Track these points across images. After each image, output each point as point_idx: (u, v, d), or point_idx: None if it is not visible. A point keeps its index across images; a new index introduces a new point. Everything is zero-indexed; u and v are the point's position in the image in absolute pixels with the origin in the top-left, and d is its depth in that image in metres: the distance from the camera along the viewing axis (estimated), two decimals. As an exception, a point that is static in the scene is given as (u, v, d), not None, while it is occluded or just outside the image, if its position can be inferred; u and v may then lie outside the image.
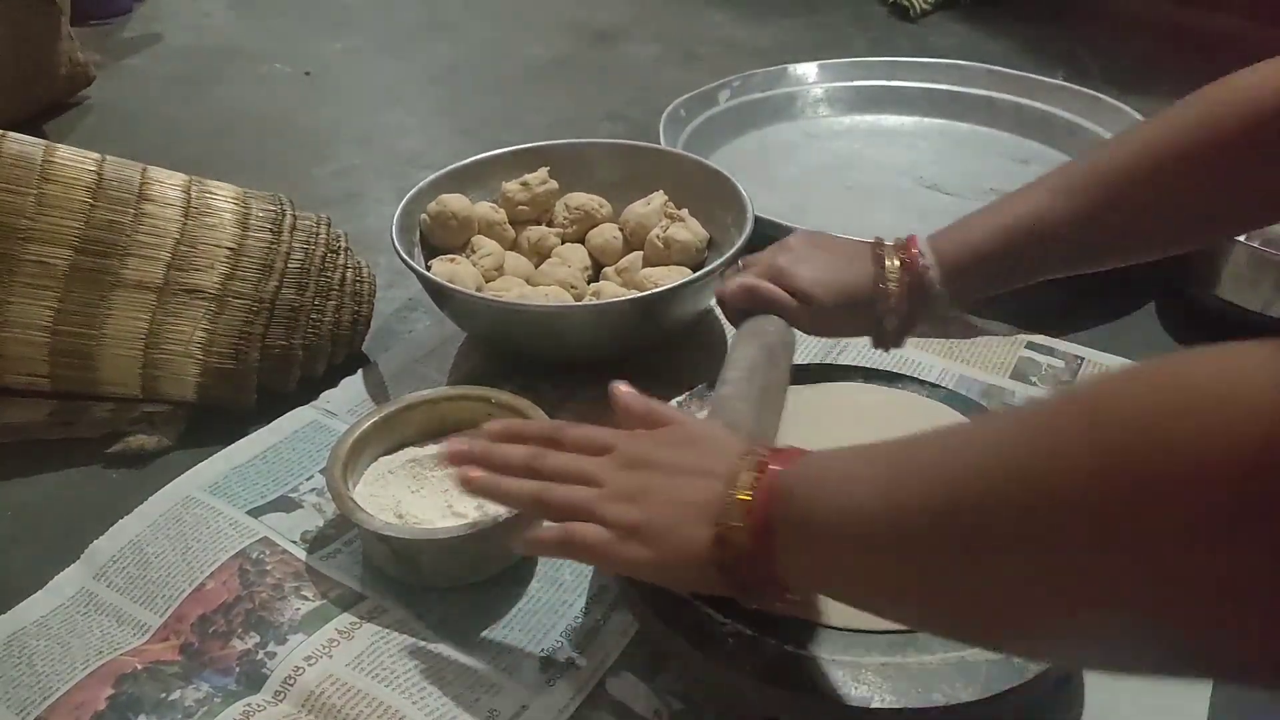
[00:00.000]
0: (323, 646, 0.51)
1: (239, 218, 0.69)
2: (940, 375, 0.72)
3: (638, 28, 1.47)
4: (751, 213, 0.73)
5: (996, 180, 0.98)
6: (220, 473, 0.63)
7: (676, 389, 0.64)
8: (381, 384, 0.72)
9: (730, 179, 0.78)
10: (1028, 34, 1.39)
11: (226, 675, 0.50)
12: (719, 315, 0.78)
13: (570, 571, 0.57)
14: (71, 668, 0.51)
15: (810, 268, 0.58)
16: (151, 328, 0.66)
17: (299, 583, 0.55)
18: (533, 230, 0.80)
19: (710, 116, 1.04)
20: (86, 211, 0.65)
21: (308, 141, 1.13)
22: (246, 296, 0.68)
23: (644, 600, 0.48)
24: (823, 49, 1.34)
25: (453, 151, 0.84)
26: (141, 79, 1.30)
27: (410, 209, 0.76)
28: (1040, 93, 1.07)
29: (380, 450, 0.60)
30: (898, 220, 0.92)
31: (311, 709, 0.48)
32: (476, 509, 0.56)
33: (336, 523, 0.60)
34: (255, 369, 0.68)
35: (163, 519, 0.59)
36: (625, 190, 0.81)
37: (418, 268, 0.69)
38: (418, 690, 0.49)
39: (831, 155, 1.04)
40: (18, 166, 0.63)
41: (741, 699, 0.46)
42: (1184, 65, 1.28)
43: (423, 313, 0.80)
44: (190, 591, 0.54)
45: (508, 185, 0.81)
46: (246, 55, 1.37)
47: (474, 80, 1.31)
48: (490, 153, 0.82)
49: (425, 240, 0.78)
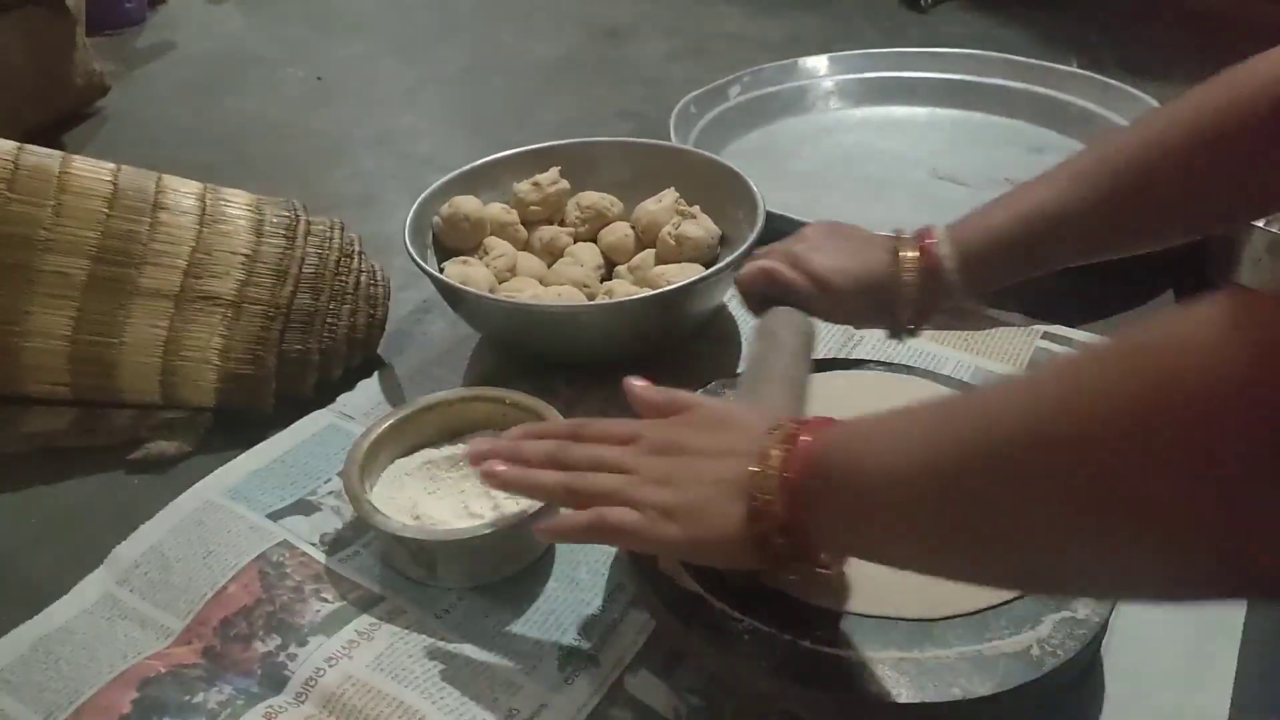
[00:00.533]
0: (343, 648, 0.52)
1: (253, 224, 0.70)
2: (956, 367, 0.71)
3: (647, 24, 1.47)
4: (763, 207, 0.73)
5: (1011, 170, 0.97)
6: (239, 477, 0.63)
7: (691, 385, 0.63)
8: (397, 386, 0.73)
9: (740, 174, 0.78)
10: (1040, 21, 1.38)
11: (248, 677, 0.51)
12: (733, 311, 0.78)
13: (587, 570, 0.57)
14: (97, 672, 0.51)
15: (827, 255, 0.58)
16: (169, 335, 0.67)
17: (319, 585, 0.56)
18: (545, 230, 0.80)
19: (721, 112, 1.04)
20: (103, 221, 0.66)
21: (321, 146, 1.13)
22: (262, 302, 0.68)
23: (661, 598, 0.48)
24: (833, 41, 1.34)
25: (465, 153, 0.85)
26: (156, 87, 1.31)
27: (423, 211, 0.76)
28: (1054, 81, 1.06)
29: (396, 452, 0.61)
30: (911, 212, 0.91)
31: (333, 710, 0.49)
32: (493, 509, 0.56)
33: (354, 525, 0.60)
34: (272, 374, 0.69)
35: (184, 524, 0.60)
36: (635, 189, 0.82)
37: (431, 270, 0.70)
38: (437, 690, 0.50)
39: (844, 148, 1.03)
40: (35, 178, 0.64)
41: (759, 695, 0.46)
42: (1199, 50, 1.26)
43: (437, 315, 0.81)
44: (212, 595, 0.55)
45: (519, 186, 0.81)
46: (259, 61, 1.38)
47: (485, 81, 1.31)
48: (500, 154, 0.83)
49: (439, 242, 0.78)
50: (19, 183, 0.64)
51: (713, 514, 0.43)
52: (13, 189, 0.63)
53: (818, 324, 0.59)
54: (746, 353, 0.56)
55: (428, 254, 0.76)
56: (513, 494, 0.54)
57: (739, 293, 0.63)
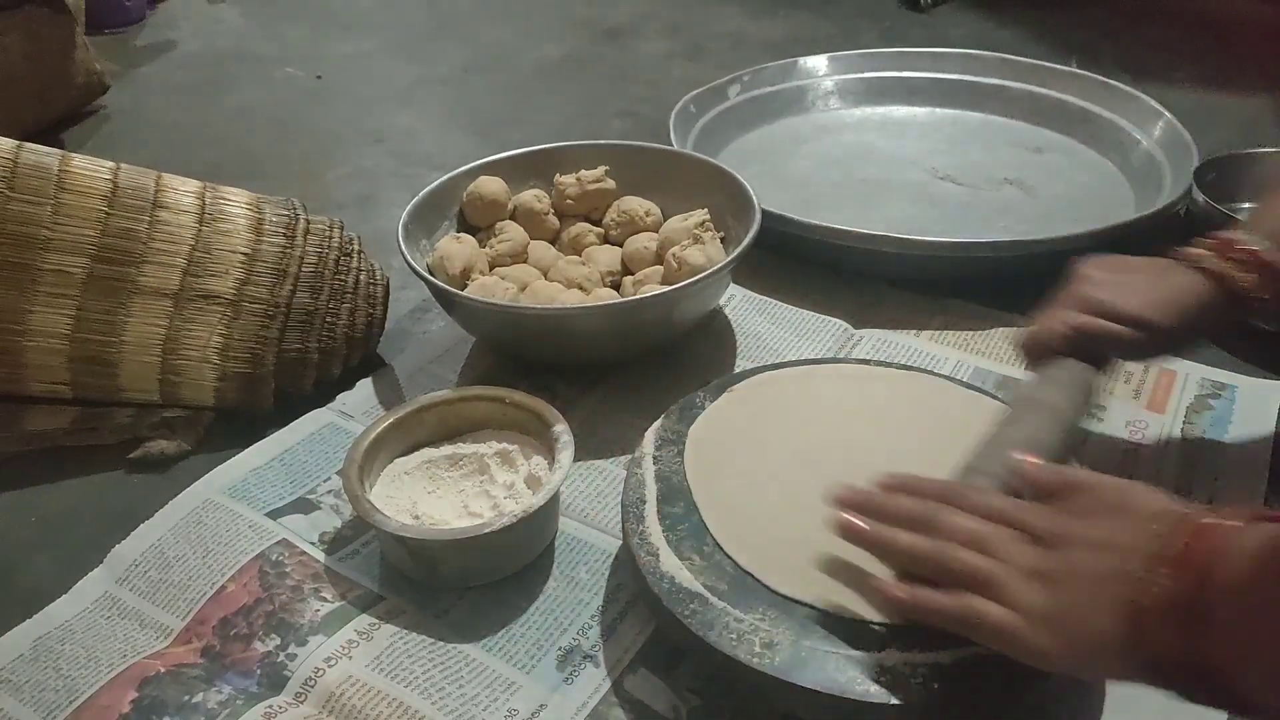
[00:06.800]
0: (343, 648, 0.52)
1: (252, 223, 0.70)
2: (956, 367, 0.71)
3: (647, 24, 1.47)
4: (758, 209, 0.73)
5: (1011, 170, 0.97)
6: (239, 476, 0.63)
7: (689, 385, 0.63)
8: (396, 386, 0.73)
9: (735, 175, 0.77)
10: (1039, 21, 1.38)
11: (248, 677, 0.51)
12: (727, 314, 0.78)
13: (587, 570, 0.57)
14: (96, 671, 0.51)
15: (1132, 292, 0.55)
16: (169, 334, 0.67)
17: (318, 584, 0.56)
18: (574, 226, 0.81)
19: (721, 112, 1.04)
20: (103, 220, 0.65)
21: (320, 145, 1.13)
22: (262, 301, 0.68)
23: (661, 598, 0.48)
24: (833, 41, 1.34)
25: (464, 152, 0.85)
26: (155, 86, 1.31)
27: (418, 213, 0.76)
28: (1053, 80, 1.06)
29: (396, 451, 0.61)
30: (911, 212, 0.92)
31: (332, 710, 0.49)
32: (493, 509, 0.56)
33: (354, 524, 0.60)
34: (272, 373, 0.69)
35: (183, 523, 0.60)
36: (631, 192, 0.81)
37: (423, 273, 0.69)
38: (437, 690, 0.50)
39: (843, 148, 1.03)
40: (35, 177, 0.64)
41: (758, 695, 0.46)
42: (1199, 50, 1.26)
43: (436, 314, 0.81)
44: (211, 594, 0.55)
45: (561, 178, 0.81)
46: (258, 60, 1.38)
47: (485, 80, 1.31)
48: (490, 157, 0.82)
49: (464, 220, 0.80)
50: (19, 181, 0.64)
51: (1090, 622, 0.37)
52: (12, 188, 0.63)
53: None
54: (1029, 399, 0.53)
55: (427, 247, 0.76)
56: (869, 551, 0.47)
57: (1023, 353, 0.58)
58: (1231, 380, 0.69)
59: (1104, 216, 0.82)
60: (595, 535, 0.59)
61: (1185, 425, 0.66)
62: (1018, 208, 0.92)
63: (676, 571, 0.49)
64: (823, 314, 0.77)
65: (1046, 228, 0.86)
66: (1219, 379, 0.69)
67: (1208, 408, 0.67)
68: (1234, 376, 0.70)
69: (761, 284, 0.81)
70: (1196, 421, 0.66)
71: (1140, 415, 0.66)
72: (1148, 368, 0.70)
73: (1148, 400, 0.68)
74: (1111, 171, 0.97)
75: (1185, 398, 0.68)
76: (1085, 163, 0.99)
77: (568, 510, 0.61)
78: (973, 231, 0.86)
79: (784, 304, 0.79)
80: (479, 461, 0.60)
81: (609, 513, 0.60)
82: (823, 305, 0.79)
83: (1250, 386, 0.69)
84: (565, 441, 0.58)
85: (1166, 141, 0.94)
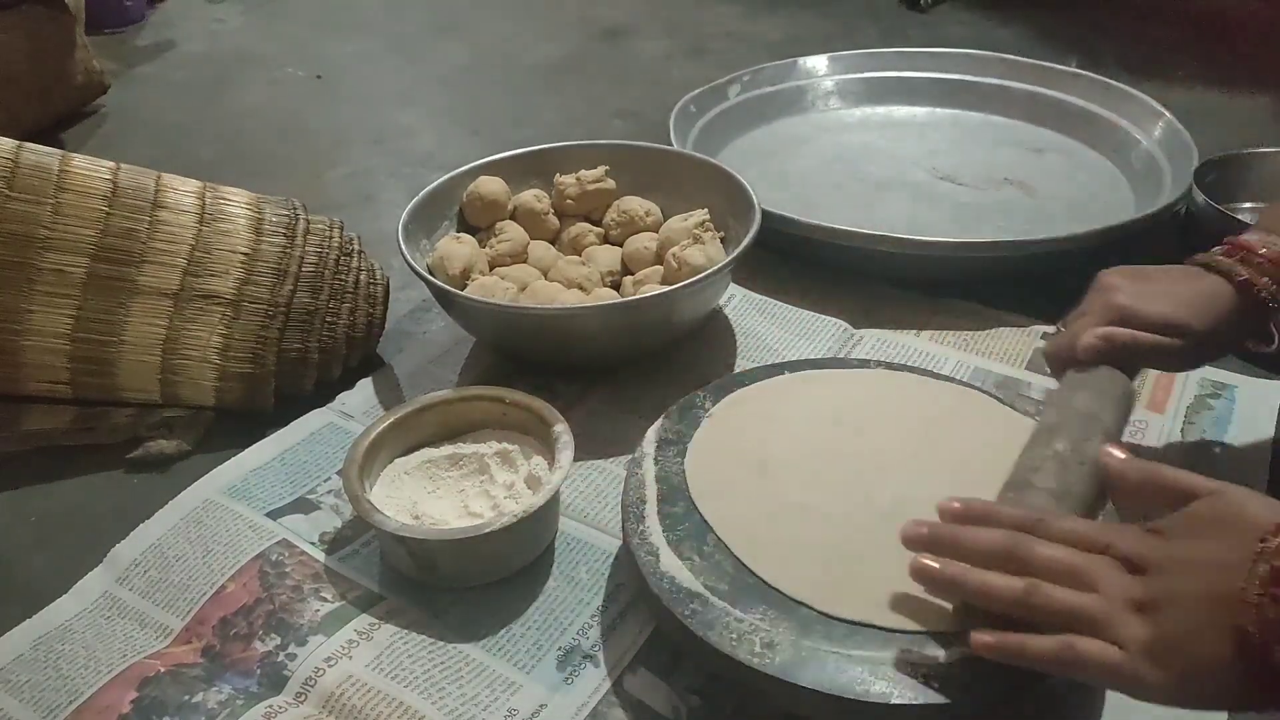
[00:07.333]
0: (343, 648, 0.52)
1: (253, 223, 0.70)
2: (956, 367, 0.71)
3: (646, 24, 1.47)
4: (758, 209, 0.73)
5: (1010, 170, 0.97)
6: (239, 475, 0.63)
7: (689, 385, 0.63)
8: (396, 386, 0.73)
9: (735, 175, 0.77)
10: (1039, 21, 1.38)
11: (248, 677, 0.51)
12: (727, 314, 0.78)
13: (587, 570, 0.57)
14: (96, 671, 0.51)
15: (1162, 299, 0.54)
16: (169, 334, 0.67)
17: (318, 584, 0.56)
18: (574, 226, 0.80)
19: (720, 111, 1.04)
20: (103, 220, 0.65)
21: (320, 145, 1.13)
22: (262, 301, 0.68)
23: (661, 598, 0.48)
24: (833, 41, 1.34)
25: (464, 152, 0.85)
26: (155, 86, 1.31)
27: (418, 213, 0.76)
28: (1053, 80, 1.06)
29: (396, 452, 0.61)
30: (911, 212, 0.92)
31: (332, 710, 0.49)
32: (493, 509, 0.56)
33: (354, 524, 0.60)
34: (272, 373, 0.69)
35: (183, 522, 0.60)
36: (631, 192, 0.81)
37: (423, 273, 0.69)
38: (437, 690, 0.50)
39: (843, 148, 1.03)
40: (35, 176, 0.64)
41: (759, 695, 0.46)
42: (1199, 50, 1.26)
43: (436, 314, 0.81)
44: (211, 594, 0.55)
45: (562, 178, 0.81)
46: (258, 60, 1.38)
47: (485, 80, 1.31)
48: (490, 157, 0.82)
49: (464, 220, 0.80)
50: (19, 181, 0.64)
51: (1197, 651, 0.35)
52: (12, 187, 0.63)
53: None
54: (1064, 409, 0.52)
55: (426, 246, 0.76)
56: (948, 597, 0.45)
57: (1051, 363, 0.57)
58: (1231, 380, 0.69)
59: (1104, 216, 0.82)
60: (595, 535, 0.59)
61: (1185, 425, 0.66)
62: (1018, 208, 0.92)
63: (676, 571, 0.49)
64: (823, 314, 0.77)
65: (1046, 228, 0.86)
66: (1219, 379, 0.69)
67: (1208, 408, 0.67)
68: (1234, 376, 0.70)
69: (761, 284, 0.81)
70: (1197, 421, 0.66)
71: (1140, 415, 0.66)
72: None
73: (1148, 400, 0.68)
74: (1111, 171, 0.97)
75: (1185, 398, 0.68)
76: (1085, 163, 0.99)
77: (568, 510, 0.61)
78: (973, 231, 0.86)
79: (784, 304, 0.79)
80: (479, 461, 0.60)
81: (609, 513, 0.60)
82: (823, 305, 0.79)
83: (1250, 386, 0.69)
84: (565, 441, 0.58)
85: (1166, 141, 0.94)
